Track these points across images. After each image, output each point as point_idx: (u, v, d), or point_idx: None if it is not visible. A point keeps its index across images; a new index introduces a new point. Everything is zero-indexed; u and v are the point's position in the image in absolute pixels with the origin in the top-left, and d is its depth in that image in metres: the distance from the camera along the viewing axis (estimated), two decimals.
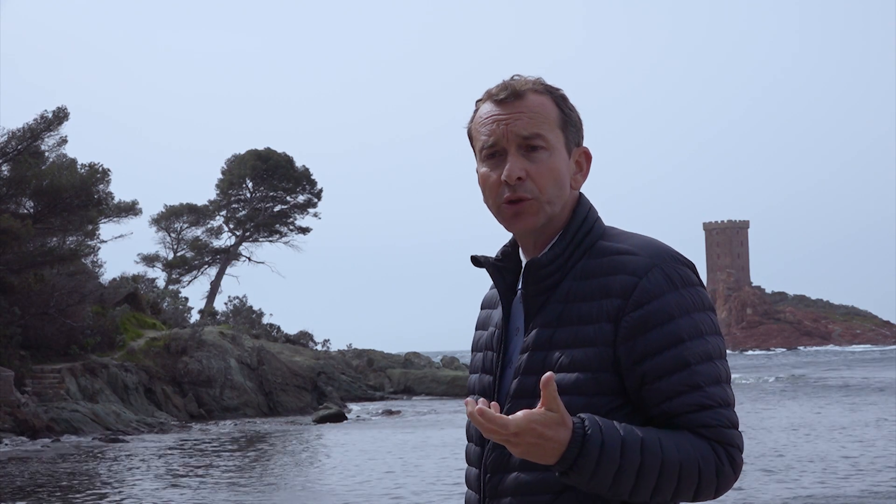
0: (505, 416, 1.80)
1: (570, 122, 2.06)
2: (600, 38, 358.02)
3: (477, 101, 2.09)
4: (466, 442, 2.17)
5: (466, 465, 2.16)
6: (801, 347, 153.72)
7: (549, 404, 1.80)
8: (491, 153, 2.04)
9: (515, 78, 2.06)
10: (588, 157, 2.10)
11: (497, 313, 2.14)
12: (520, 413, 1.80)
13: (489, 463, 2.03)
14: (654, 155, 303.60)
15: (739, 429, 1.95)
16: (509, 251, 2.13)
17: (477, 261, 2.13)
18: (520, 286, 2.09)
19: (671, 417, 1.91)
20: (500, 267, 2.11)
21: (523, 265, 2.09)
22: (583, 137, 2.10)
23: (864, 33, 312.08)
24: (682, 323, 1.93)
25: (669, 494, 1.87)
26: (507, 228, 2.07)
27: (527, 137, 2.01)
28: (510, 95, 2.03)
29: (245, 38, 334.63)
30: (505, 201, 2.02)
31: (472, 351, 2.20)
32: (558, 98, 2.06)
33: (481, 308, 2.26)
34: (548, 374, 1.80)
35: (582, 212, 2.06)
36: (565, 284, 2.01)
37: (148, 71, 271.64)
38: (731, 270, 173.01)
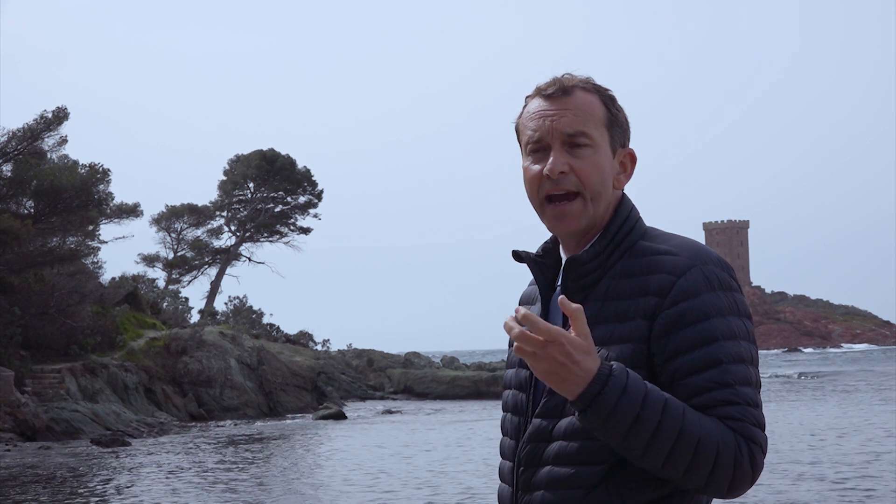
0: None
1: (616, 123, 2.07)
2: (600, 39, 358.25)
3: (526, 97, 2.11)
4: (501, 436, 2.19)
5: (500, 458, 2.17)
6: (801, 348, 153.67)
7: (579, 330, 1.81)
8: (536, 148, 2.06)
9: (566, 76, 2.08)
10: (633, 158, 2.12)
11: (536, 309, 2.15)
12: (554, 326, 1.81)
13: (523, 456, 2.04)
14: (655, 155, 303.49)
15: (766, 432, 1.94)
16: (550, 247, 2.15)
17: (518, 256, 2.14)
18: (559, 283, 2.10)
19: (700, 412, 1.90)
20: (540, 263, 2.13)
21: (563, 262, 2.10)
22: (629, 139, 2.11)
23: (864, 33, 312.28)
24: (717, 323, 1.93)
25: (682, 468, 1.84)
26: (550, 230, 2.09)
27: (571, 134, 2.02)
28: (558, 91, 2.05)
29: (247, 40, 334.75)
30: (546, 195, 2.04)
31: (510, 346, 2.20)
32: (607, 98, 2.08)
33: (520, 304, 2.27)
34: (561, 297, 1.83)
35: (624, 211, 2.08)
36: (604, 283, 2.02)
37: (149, 72, 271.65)
38: None
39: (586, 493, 1.93)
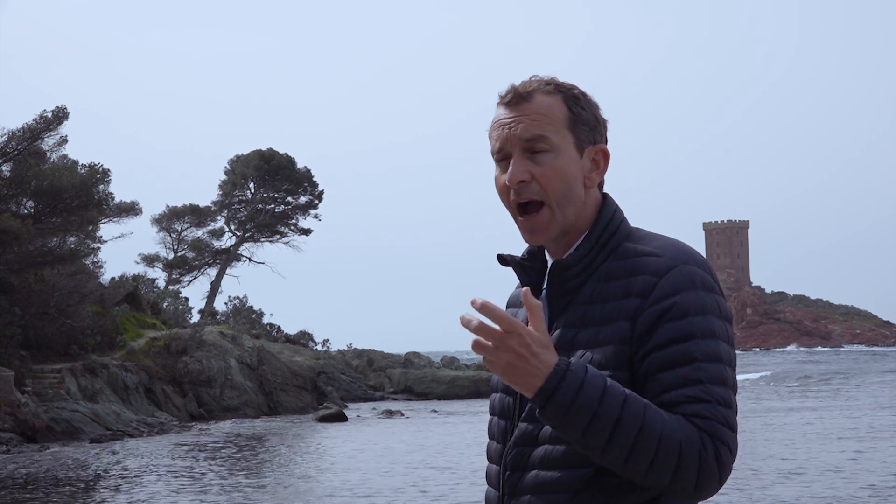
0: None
1: (580, 122, 2.04)
2: (602, 39, 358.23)
3: (497, 104, 2.09)
4: (488, 440, 2.18)
5: (487, 462, 2.16)
6: (802, 348, 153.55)
7: (537, 325, 1.80)
8: (499, 157, 2.05)
9: (533, 79, 2.05)
10: (605, 155, 2.08)
11: (522, 312, 2.14)
12: (512, 317, 1.80)
13: (509, 460, 2.03)
14: (655, 155, 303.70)
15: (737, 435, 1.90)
16: (535, 250, 2.13)
17: (503, 259, 2.13)
18: (544, 286, 2.08)
19: (668, 408, 1.87)
20: (525, 266, 2.11)
21: (548, 265, 2.09)
22: (601, 134, 2.08)
23: (864, 34, 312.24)
24: (696, 321, 1.91)
25: (644, 466, 1.81)
26: (526, 241, 2.07)
27: (528, 140, 2.00)
28: (514, 98, 2.03)
29: (248, 41, 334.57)
30: (514, 205, 2.03)
31: None
32: (570, 98, 2.04)
33: (506, 307, 2.26)
34: (524, 289, 1.82)
35: (607, 213, 2.06)
36: (589, 286, 2.01)
37: (149, 73, 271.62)
38: (731, 270, 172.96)
39: (572, 497, 1.92)
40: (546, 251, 2.12)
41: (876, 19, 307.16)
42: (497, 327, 1.78)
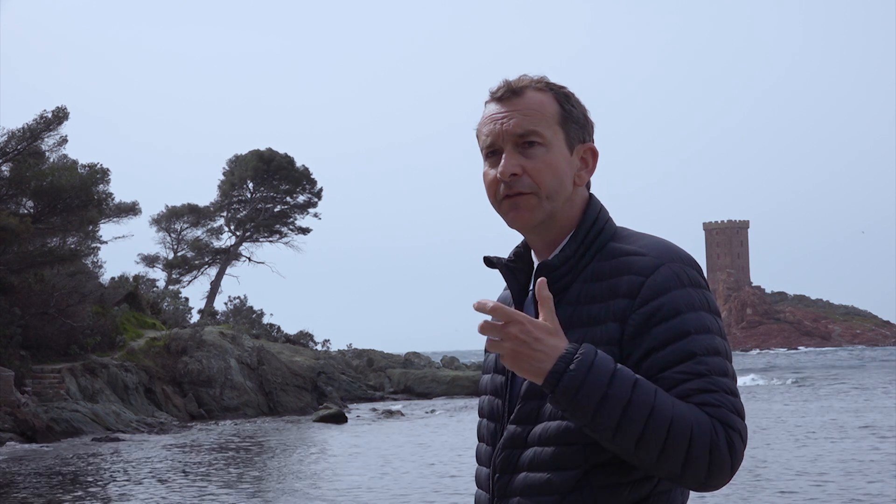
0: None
1: (571, 120, 2.05)
2: (602, 40, 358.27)
3: (485, 102, 2.10)
4: (477, 442, 2.18)
5: (477, 464, 2.16)
6: (801, 347, 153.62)
7: (545, 315, 1.85)
8: (490, 152, 2.05)
9: (523, 77, 2.06)
10: (594, 153, 2.09)
11: None
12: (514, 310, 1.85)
13: (498, 462, 2.03)
14: (655, 155, 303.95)
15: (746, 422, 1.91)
16: (521, 252, 2.13)
17: (490, 261, 2.14)
18: (532, 287, 2.08)
19: None
20: (512, 268, 2.12)
21: (535, 266, 2.09)
22: (590, 134, 2.09)
23: (865, 35, 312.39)
24: (689, 318, 1.91)
25: (655, 451, 1.81)
26: (508, 224, 2.07)
27: (521, 135, 2.01)
28: (507, 93, 2.04)
29: (247, 41, 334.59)
30: (503, 196, 2.03)
31: (486, 351, 2.19)
32: (560, 96, 2.06)
33: None
34: (541, 279, 1.88)
35: (592, 213, 2.06)
36: (576, 287, 2.01)
37: (149, 74, 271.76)
38: (731, 270, 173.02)
39: (561, 499, 1.92)
40: (532, 252, 2.12)
41: (876, 20, 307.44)
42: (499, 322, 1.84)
